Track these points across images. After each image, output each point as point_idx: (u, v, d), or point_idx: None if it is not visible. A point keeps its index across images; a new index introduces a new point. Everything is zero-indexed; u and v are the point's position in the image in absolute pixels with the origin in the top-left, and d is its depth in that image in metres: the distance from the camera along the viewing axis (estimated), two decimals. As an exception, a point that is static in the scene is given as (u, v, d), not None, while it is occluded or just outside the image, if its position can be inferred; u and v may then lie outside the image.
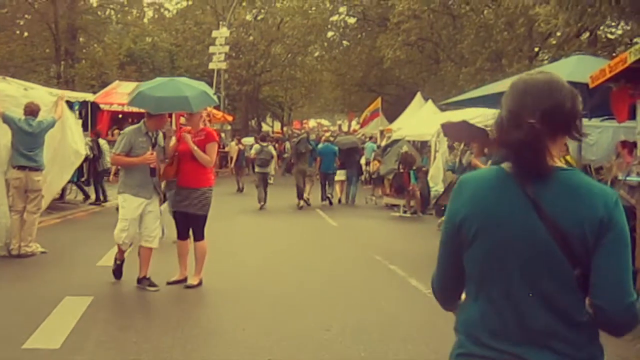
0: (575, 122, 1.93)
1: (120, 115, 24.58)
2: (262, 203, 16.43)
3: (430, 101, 27.58)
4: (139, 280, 7.07)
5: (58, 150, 10.28)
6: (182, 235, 7.36)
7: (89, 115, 15.55)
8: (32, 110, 8.80)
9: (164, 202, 8.10)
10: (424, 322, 6.17)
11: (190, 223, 7.22)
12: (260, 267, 8.63)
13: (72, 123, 11.18)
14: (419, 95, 30.91)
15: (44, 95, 10.38)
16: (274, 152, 18.12)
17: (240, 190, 21.60)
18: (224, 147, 26.68)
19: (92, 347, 5.16)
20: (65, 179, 11.52)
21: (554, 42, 28.81)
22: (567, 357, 1.84)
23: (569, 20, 14.70)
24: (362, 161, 21.88)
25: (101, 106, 22.01)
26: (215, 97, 7.58)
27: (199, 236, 7.25)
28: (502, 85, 10.38)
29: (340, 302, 6.92)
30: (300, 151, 17.39)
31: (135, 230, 6.99)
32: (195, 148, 6.94)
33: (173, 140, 7.20)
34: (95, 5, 36.86)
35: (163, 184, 7.71)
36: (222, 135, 32.23)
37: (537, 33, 27.76)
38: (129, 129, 7.31)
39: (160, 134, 7.14)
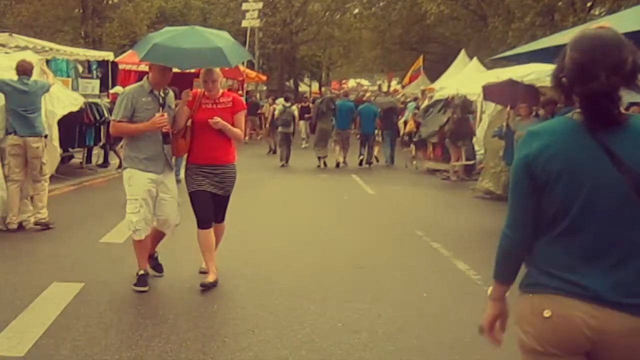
0: (637, 76, 2.05)
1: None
2: (284, 162, 17.02)
3: (475, 59, 26.30)
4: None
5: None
6: (207, 223, 5.74)
7: (110, 75, 14.59)
8: (25, 69, 7.83)
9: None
10: (476, 319, 5.02)
11: (216, 206, 5.83)
12: (282, 249, 7.43)
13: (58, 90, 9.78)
14: (463, 53, 29.59)
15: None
16: (296, 113, 18.54)
17: (273, 151, 20.71)
18: (259, 108, 25.63)
19: (64, 355, 4.17)
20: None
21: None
22: (632, 286, 2.02)
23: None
24: (400, 122, 20.73)
25: (126, 66, 21.32)
26: (248, 52, 6.45)
27: (221, 217, 5.98)
28: (560, 37, 9.03)
29: (372, 293, 5.77)
30: (322, 110, 17.40)
31: (149, 213, 5.59)
32: (230, 127, 5.58)
33: (185, 109, 5.65)
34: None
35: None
36: (257, 95, 31.14)
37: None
38: (128, 88, 5.88)
39: (171, 93, 5.75)
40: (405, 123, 21.16)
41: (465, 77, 23.69)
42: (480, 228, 8.84)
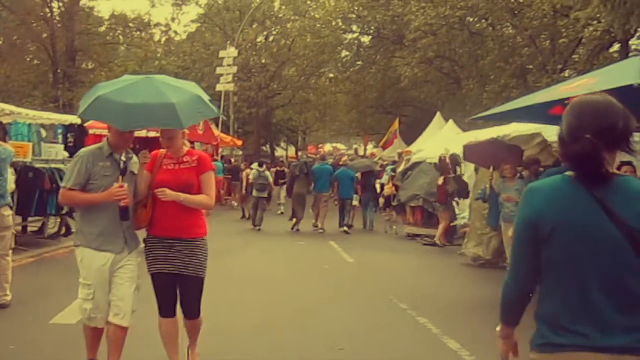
0: (627, 139, 2.28)
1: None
2: (258, 226, 16.91)
3: (451, 121, 26.19)
4: None
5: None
6: (167, 310, 4.83)
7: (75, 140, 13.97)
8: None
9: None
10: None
11: (180, 291, 4.84)
12: (255, 332, 6.69)
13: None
14: (438, 115, 29.55)
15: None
16: (271, 178, 18.37)
17: (245, 217, 20.11)
18: (239, 172, 25.07)
19: None
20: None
21: (579, 56, 27.31)
22: (637, 331, 2.15)
23: (612, 23, 13.11)
24: (377, 185, 20.42)
25: (97, 131, 20.72)
26: (214, 106, 5.07)
27: (193, 310, 4.87)
28: (537, 97, 8.72)
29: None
30: (295, 174, 17.56)
31: (106, 299, 4.66)
32: (185, 197, 4.64)
33: (145, 174, 4.79)
34: (102, 29, 35.75)
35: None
36: (232, 160, 30.64)
37: (562, 46, 26.37)
38: (83, 150, 4.93)
39: (135, 157, 4.85)
40: (382, 186, 20.79)
41: (442, 139, 23.44)
42: (468, 299, 8.24)
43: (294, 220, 17.09)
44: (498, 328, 2.59)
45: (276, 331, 6.57)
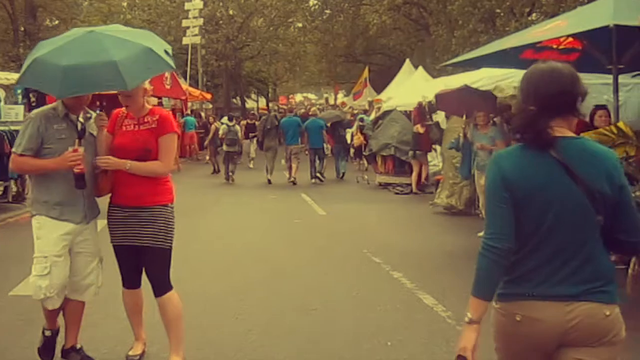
0: (572, 105, 2.43)
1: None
2: (231, 179, 17.35)
3: (420, 68, 26.09)
4: (64, 353, 4.49)
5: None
6: (130, 282, 4.52)
7: (37, 100, 13.48)
8: None
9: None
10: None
11: (144, 263, 4.42)
12: (224, 293, 6.56)
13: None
14: (407, 63, 29.39)
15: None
16: (240, 133, 18.59)
17: (216, 171, 20.02)
18: (206, 127, 24.66)
19: None
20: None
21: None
22: (590, 281, 2.35)
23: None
24: (348, 135, 20.42)
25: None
26: (169, 59, 4.33)
27: (162, 284, 4.38)
28: (506, 41, 8.49)
29: (326, 345, 4.97)
30: (267, 127, 17.61)
31: (64, 275, 4.24)
32: (132, 165, 4.22)
33: (104, 136, 4.40)
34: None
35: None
36: (202, 114, 30.13)
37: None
38: (35, 111, 4.46)
39: (94, 116, 4.40)
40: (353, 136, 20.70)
41: (412, 87, 23.31)
42: (442, 250, 8.16)
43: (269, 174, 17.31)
44: (468, 312, 2.44)
45: (245, 294, 6.39)
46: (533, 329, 2.36)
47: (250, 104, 58.03)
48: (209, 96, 32.91)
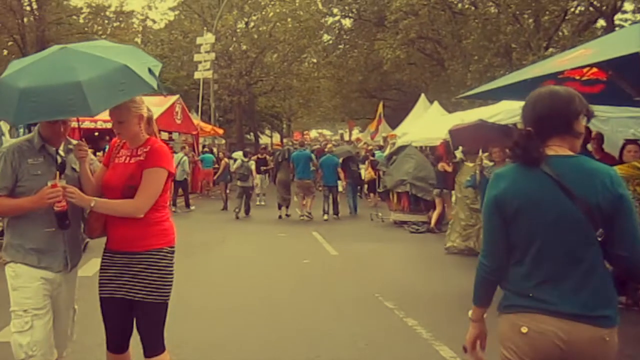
0: (568, 124, 2.57)
1: (96, 133, 22.33)
2: (243, 214, 17.30)
3: (436, 102, 25.75)
4: None
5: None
6: (116, 344, 3.81)
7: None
8: None
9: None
10: None
11: (135, 319, 3.75)
12: (222, 339, 6.08)
13: None
14: (423, 97, 29.06)
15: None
16: (253, 167, 18.56)
17: (226, 208, 19.53)
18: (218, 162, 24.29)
19: None
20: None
21: (563, 33, 26.83)
22: (592, 301, 2.43)
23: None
24: (362, 170, 20.37)
25: (74, 123, 19.89)
26: (151, 79, 3.64)
27: (154, 344, 3.71)
28: (534, 70, 7.99)
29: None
30: (279, 161, 17.83)
31: (48, 330, 3.63)
32: (98, 203, 3.61)
33: (96, 164, 3.98)
34: (81, 20, 34.70)
35: None
36: (214, 150, 29.80)
37: (547, 23, 25.83)
38: (7, 144, 3.94)
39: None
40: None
41: (428, 122, 22.93)
42: (459, 293, 7.49)
43: (282, 208, 17.26)
44: (470, 312, 2.79)
45: (246, 341, 5.86)
46: (538, 341, 2.46)
47: (264, 139, 57.88)
48: (221, 131, 32.69)
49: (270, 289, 8.21)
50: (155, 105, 22.51)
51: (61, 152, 3.81)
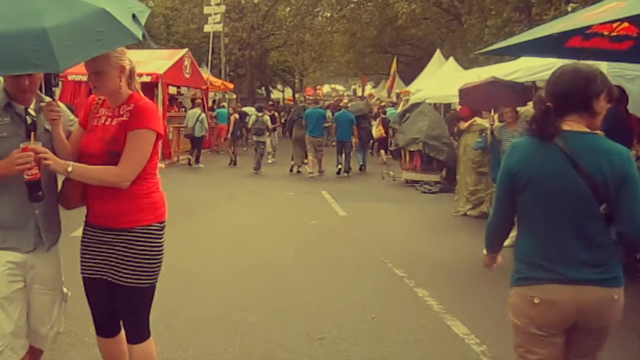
0: (584, 103, 2.65)
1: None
2: (257, 169, 17.15)
3: (451, 59, 25.08)
4: None
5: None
6: (104, 328, 3.44)
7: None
8: None
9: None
10: None
11: (118, 303, 3.32)
12: (221, 314, 5.76)
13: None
14: (438, 53, 28.36)
15: None
16: (269, 122, 18.29)
17: (233, 163, 19.32)
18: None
19: None
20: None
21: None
22: (599, 266, 2.60)
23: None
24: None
25: (76, 77, 19.46)
26: (136, 27, 2.95)
27: (138, 330, 3.34)
28: (559, 25, 7.41)
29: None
30: (294, 118, 17.68)
31: (17, 321, 3.10)
32: (78, 170, 3.06)
33: (73, 121, 3.42)
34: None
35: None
36: (224, 105, 29.22)
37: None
38: None
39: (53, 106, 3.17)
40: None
41: (443, 78, 22.34)
42: (473, 260, 7.01)
43: (294, 163, 17.46)
44: (484, 251, 3.08)
45: (244, 314, 5.49)
46: (550, 310, 2.60)
47: (275, 94, 57.21)
48: (231, 86, 32.09)
49: (273, 254, 7.80)
50: (163, 58, 22.11)
51: (31, 111, 3.20)
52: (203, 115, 19.41)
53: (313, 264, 7.32)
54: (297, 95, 54.13)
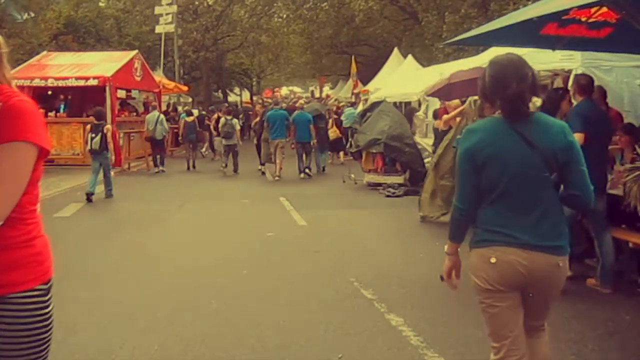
0: (537, 85, 2.99)
1: (49, 92, 20.69)
2: (225, 168, 17.38)
3: (410, 56, 24.64)
4: None
5: None
6: None
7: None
8: None
9: None
10: None
11: None
12: (159, 342, 4.88)
13: None
14: (396, 51, 27.93)
15: None
16: (238, 126, 18.05)
17: (189, 168, 18.76)
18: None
19: None
20: None
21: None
22: (548, 234, 2.90)
23: None
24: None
25: (18, 82, 18.27)
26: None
27: None
28: (534, 10, 6.75)
29: None
30: (262, 119, 17.57)
31: None
32: None
33: None
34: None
35: None
36: (179, 108, 28.10)
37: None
38: None
39: None
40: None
41: (402, 76, 21.88)
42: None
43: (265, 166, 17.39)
44: (446, 247, 3.21)
45: (186, 347, 4.63)
46: (505, 268, 2.88)
47: (232, 97, 56.15)
48: (185, 89, 31.01)
49: (222, 276, 6.84)
50: (112, 61, 21.05)
51: None
52: (162, 116, 18.82)
53: (269, 288, 6.36)
54: (255, 98, 53.21)
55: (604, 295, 5.88)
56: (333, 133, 18.85)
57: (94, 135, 12.39)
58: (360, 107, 20.05)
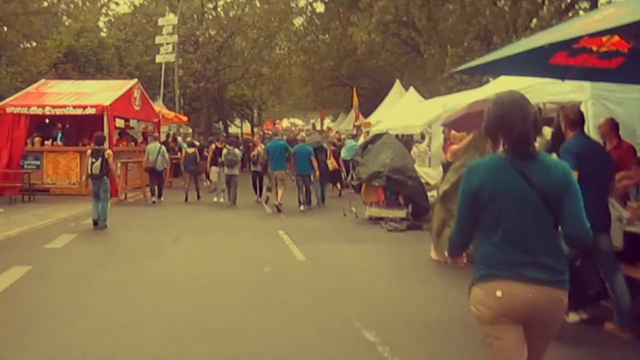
0: (538, 123, 3.03)
1: (47, 120, 20.48)
2: (224, 199, 17.38)
3: (412, 89, 24.54)
4: None
5: None
6: None
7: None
8: None
9: None
10: None
11: None
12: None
13: None
14: (398, 83, 27.87)
15: None
16: (239, 156, 18.08)
17: (187, 199, 18.40)
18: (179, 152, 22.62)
19: None
20: None
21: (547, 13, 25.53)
22: (551, 269, 2.94)
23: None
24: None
25: (15, 109, 18.17)
26: None
27: None
28: (545, 37, 6.47)
29: None
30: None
31: None
32: None
33: None
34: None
35: None
36: (178, 138, 27.87)
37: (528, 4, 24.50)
38: None
39: None
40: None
41: (404, 109, 21.73)
42: (456, 317, 5.95)
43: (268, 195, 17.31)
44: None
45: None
46: (512, 301, 2.91)
47: (233, 129, 56.05)
48: (185, 119, 30.80)
49: (216, 311, 6.49)
50: (111, 90, 20.82)
51: None
52: (164, 148, 18.60)
53: (264, 330, 5.95)
54: (255, 130, 53.08)
55: (623, 340, 5.49)
56: (330, 165, 18.63)
57: (94, 160, 12.21)
58: (361, 140, 19.83)
